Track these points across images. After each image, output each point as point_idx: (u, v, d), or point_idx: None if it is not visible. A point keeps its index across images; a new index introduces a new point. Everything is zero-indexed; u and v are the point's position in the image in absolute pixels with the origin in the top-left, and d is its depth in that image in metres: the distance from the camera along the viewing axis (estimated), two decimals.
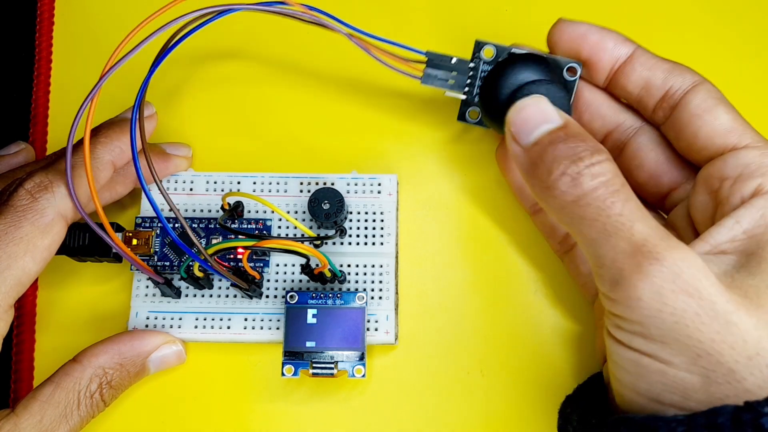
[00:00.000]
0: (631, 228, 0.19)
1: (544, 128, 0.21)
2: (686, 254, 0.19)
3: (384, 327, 0.27)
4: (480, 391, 0.27)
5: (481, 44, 0.25)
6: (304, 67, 0.31)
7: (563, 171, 0.20)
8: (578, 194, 0.20)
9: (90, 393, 0.24)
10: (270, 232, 0.28)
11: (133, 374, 0.25)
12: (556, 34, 0.25)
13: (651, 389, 0.19)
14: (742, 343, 0.18)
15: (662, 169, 0.25)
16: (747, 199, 0.21)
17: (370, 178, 0.28)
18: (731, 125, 0.22)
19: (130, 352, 0.25)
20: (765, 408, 0.17)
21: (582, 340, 0.27)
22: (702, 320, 0.18)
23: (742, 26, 0.31)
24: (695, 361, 0.18)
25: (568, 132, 0.21)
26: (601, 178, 0.20)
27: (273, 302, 0.27)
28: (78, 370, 0.24)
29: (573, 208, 0.20)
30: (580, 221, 0.20)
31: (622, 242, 0.19)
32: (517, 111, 0.22)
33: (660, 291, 0.18)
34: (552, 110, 0.22)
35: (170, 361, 0.27)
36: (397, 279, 0.28)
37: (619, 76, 0.24)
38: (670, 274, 0.18)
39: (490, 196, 0.29)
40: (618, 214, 0.19)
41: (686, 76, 0.23)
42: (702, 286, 0.18)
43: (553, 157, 0.21)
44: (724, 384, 0.18)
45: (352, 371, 0.26)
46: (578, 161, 0.20)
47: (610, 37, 0.24)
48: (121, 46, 0.21)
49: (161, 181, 0.28)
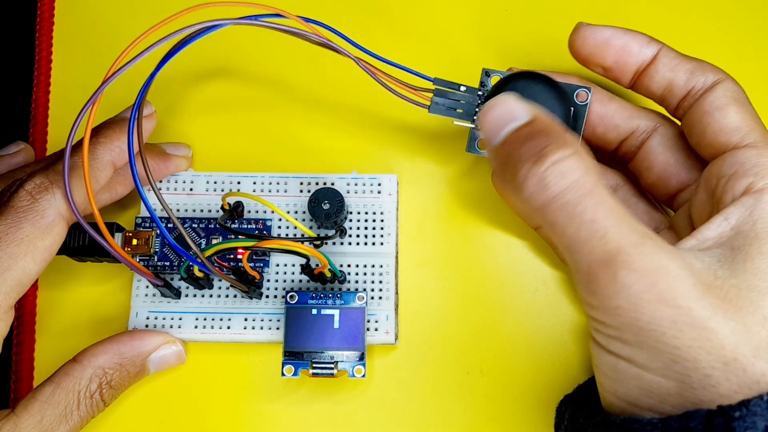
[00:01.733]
0: (605, 236, 0.19)
1: (510, 127, 0.21)
2: (662, 261, 0.18)
3: (384, 327, 0.27)
4: (480, 391, 0.27)
5: (489, 72, 0.25)
6: (305, 67, 0.31)
7: (527, 172, 0.19)
8: (546, 199, 0.19)
9: (90, 393, 0.24)
10: (270, 232, 0.28)
11: (132, 374, 0.25)
12: (578, 40, 0.24)
13: (629, 393, 0.19)
14: (720, 349, 0.18)
15: (670, 171, 0.25)
16: (737, 197, 0.20)
17: (370, 178, 0.28)
18: (739, 124, 0.22)
19: (130, 352, 0.25)
20: (736, 412, 0.17)
21: (582, 340, 0.27)
22: (679, 327, 0.18)
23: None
24: (671, 366, 0.18)
25: (533, 128, 0.20)
26: (568, 177, 0.19)
27: (273, 302, 0.27)
28: (78, 370, 0.24)
29: (544, 213, 0.19)
30: (553, 227, 0.20)
31: (596, 250, 0.19)
32: (485, 112, 0.22)
33: (636, 301, 0.18)
34: (518, 107, 0.21)
35: (170, 361, 0.27)
36: (397, 279, 0.28)
37: (643, 78, 0.24)
38: (645, 284, 0.18)
39: (490, 195, 0.29)
40: (590, 221, 0.19)
41: (708, 74, 0.23)
42: (678, 294, 0.18)
43: (517, 157, 0.20)
44: (699, 389, 0.18)
45: (352, 371, 0.26)
46: (542, 159, 0.19)
47: (636, 40, 0.24)
48: (125, 52, 0.21)
49: (158, 183, 0.28)
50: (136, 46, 0.21)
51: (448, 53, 0.31)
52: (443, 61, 0.31)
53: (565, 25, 0.26)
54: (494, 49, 0.31)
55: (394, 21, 0.31)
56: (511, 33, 0.31)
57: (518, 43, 0.31)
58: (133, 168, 0.21)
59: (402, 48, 0.31)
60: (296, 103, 0.30)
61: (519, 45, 0.31)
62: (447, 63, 0.30)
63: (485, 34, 0.31)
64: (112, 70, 0.21)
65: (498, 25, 0.31)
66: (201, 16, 0.23)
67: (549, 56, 0.30)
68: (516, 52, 0.30)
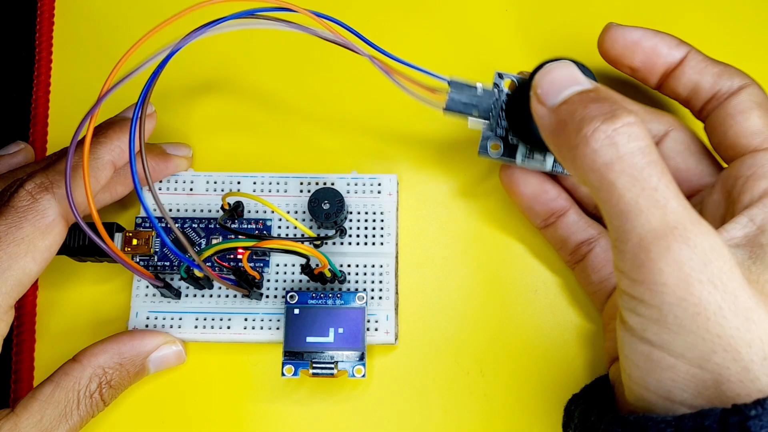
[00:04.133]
0: (666, 206, 0.18)
1: (575, 89, 0.20)
2: (716, 242, 0.18)
3: (384, 327, 0.27)
4: (480, 391, 0.27)
5: (502, 75, 0.25)
6: (305, 67, 0.31)
7: (596, 127, 0.19)
8: (612, 157, 0.18)
9: (90, 392, 0.24)
10: (270, 232, 0.28)
11: (132, 374, 0.25)
12: (608, 41, 0.24)
13: (661, 386, 0.18)
14: (759, 342, 0.17)
15: (681, 176, 0.25)
16: (756, 199, 0.20)
17: (370, 178, 0.28)
18: (760, 128, 0.22)
19: (130, 351, 0.25)
20: (752, 411, 0.16)
21: (582, 340, 0.27)
22: (724, 314, 0.17)
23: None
24: (710, 356, 0.18)
25: (600, 94, 0.20)
26: (638, 141, 0.18)
27: (273, 302, 0.27)
28: (78, 370, 0.24)
29: (605, 172, 0.18)
30: (609, 189, 0.18)
31: (654, 220, 0.18)
32: (545, 73, 0.21)
33: (687, 279, 0.17)
34: (581, 75, 0.21)
35: (170, 361, 0.27)
36: (397, 279, 0.28)
37: (670, 79, 0.24)
38: (699, 262, 0.17)
39: (490, 195, 0.29)
40: (653, 188, 0.18)
41: (735, 79, 0.23)
42: (728, 279, 0.17)
43: (583, 115, 0.19)
44: (737, 383, 0.17)
45: (352, 371, 0.26)
46: (614, 118, 0.19)
47: (665, 42, 0.24)
48: (124, 59, 0.21)
49: (157, 183, 0.28)
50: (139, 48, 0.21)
51: (462, 54, 0.31)
52: (456, 61, 0.30)
53: (582, 25, 0.26)
54: (509, 51, 0.31)
55: (406, 19, 0.31)
56: (526, 33, 0.31)
57: (533, 44, 0.31)
58: (134, 169, 0.21)
59: (414, 47, 0.31)
60: (296, 102, 0.30)
61: (533, 46, 0.31)
62: (459, 64, 0.30)
63: (499, 34, 0.31)
64: (109, 84, 0.21)
65: (515, 25, 0.31)
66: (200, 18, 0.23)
67: (566, 55, 0.30)
68: (531, 53, 0.30)
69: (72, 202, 0.22)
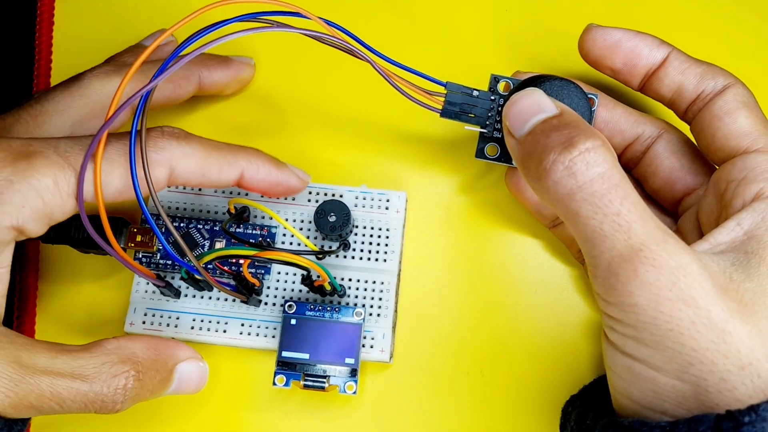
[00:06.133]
0: (629, 230, 0.18)
1: (538, 117, 0.21)
2: (684, 259, 0.18)
3: (380, 345, 0.26)
4: (475, 404, 0.26)
5: (498, 78, 0.25)
6: (322, 80, 0.30)
7: (554, 158, 0.19)
8: (572, 187, 0.19)
9: (114, 373, 0.21)
10: (274, 239, 0.28)
11: (158, 379, 0.23)
12: (588, 42, 0.24)
13: (642, 396, 0.19)
14: (736, 353, 0.18)
15: (676, 176, 0.25)
16: (748, 203, 0.20)
17: (379, 194, 0.28)
18: (748, 129, 0.22)
19: (165, 351, 0.23)
20: (745, 417, 0.17)
21: (582, 341, 0.27)
22: (697, 329, 0.18)
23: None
24: (687, 369, 0.18)
25: (562, 120, 0.20)
26: (597, 168, 0.19)
27: (271, 310, 0.27)
28: (113, 344, 0.22)
29: (567, 202, 0.19)
30: (574, 218, 0.19)
31: (619, 244, 0.18)
32: (511, 104, 0.22)
33: (656, 299, 0.18)
34: (546, 101, 0.21)
35: (192, 379, 0.24)
36: (397, 297, 0.27)
37: (653, 80, 0.24)
38: (667, 281, 0.18)
39: (497, 215, 0.29)
40: (615, 213, 0.19)
41: (718, 78, 0.23)
42: (698, 295, 0.18)
43: (544, 145, 0.20)
44: (715, 393, 0.18)
45: (344, 387, 0.25)
46: (570, 147, 0.19)
47: (645, 42, 0.24)
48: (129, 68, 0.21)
49: (156, 192, 0.28)
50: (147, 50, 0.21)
51: (459, 57, 0.30)
52: (454, 65, 0.30)
53: (574, 28, 0.25)
54: (504, 54, 0.30)
55: (405, 24, 0.31)
56: (521, 37, 0.31)
57: (528, 47, 0.30)
58: (133, 171, 0.21)
59: (412, 51, 0.30)
60: (310, 112, 0.30)
61: (529, 49, 0.30)
62: (457, 67, 0.30)
63: (495, 38, 0.31)
64: (124, 81, 0.21)
65: (509, 29, 0.31)
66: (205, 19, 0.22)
67: (558, 60, 0.30)
68: (526, 56, 0.30)
69: (80, 199, 0.21)
